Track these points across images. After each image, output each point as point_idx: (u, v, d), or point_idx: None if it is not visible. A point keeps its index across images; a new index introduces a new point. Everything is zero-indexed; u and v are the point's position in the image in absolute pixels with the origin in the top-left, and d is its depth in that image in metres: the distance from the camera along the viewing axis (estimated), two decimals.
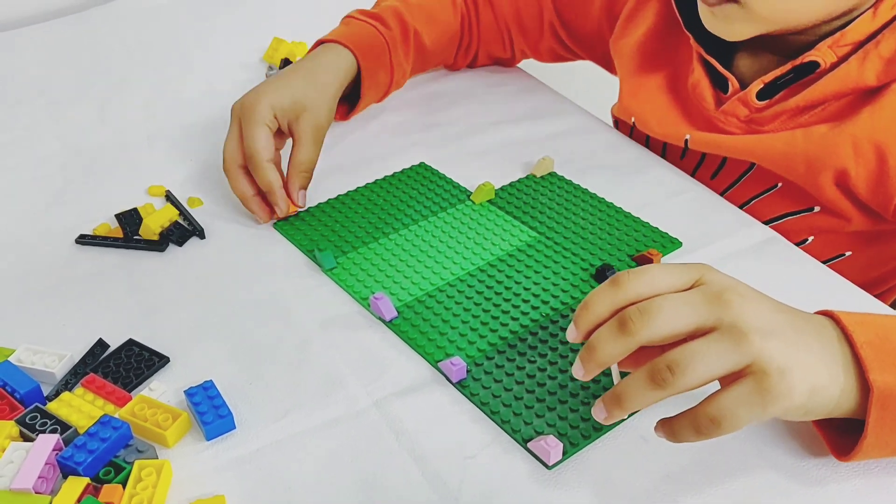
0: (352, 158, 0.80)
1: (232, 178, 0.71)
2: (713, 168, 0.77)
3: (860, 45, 0.64)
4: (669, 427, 0.45)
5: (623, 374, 0.46)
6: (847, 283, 0.63)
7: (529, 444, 0.50)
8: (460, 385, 0.55)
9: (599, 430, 0.51)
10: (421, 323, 0.60)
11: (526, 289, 0.62)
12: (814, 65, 0.66)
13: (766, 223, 0.71)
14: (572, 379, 0.55)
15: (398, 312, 0.60)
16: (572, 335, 0.47)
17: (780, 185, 0.72)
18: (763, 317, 0.44)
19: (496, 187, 0.74)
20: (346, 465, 0.50)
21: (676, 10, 0.73)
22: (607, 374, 0.51)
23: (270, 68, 0.95)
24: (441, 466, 0.50)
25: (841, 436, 0.49)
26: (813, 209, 0.72)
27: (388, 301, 0.60)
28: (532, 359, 0.56)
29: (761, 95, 0.69)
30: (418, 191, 0.74)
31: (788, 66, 0.67)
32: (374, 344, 0.59)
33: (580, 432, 0.51)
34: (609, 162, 0.78)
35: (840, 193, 0.69)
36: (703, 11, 0.68)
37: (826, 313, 0.48)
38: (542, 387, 0.54)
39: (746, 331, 0.43)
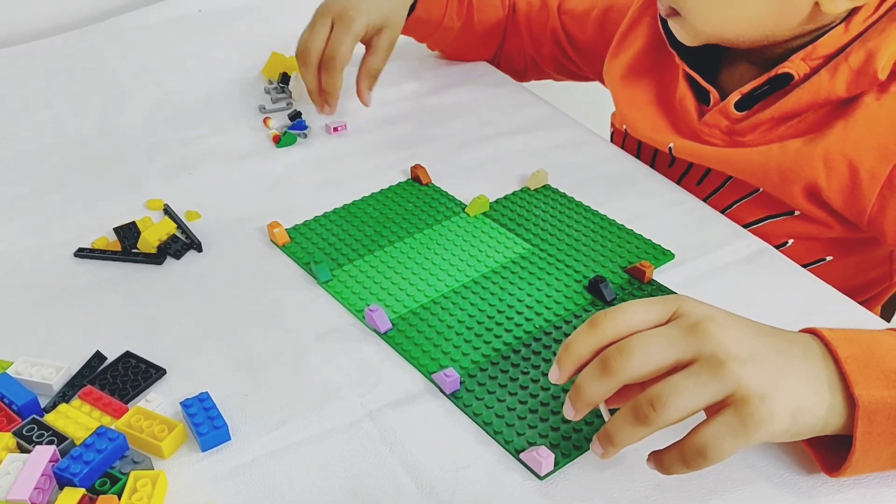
0: (348, 171, 0.80)
1: (307, 69, 0.82)
2: (699, 175, 0.79)
3: (832, 58, 0.66)
4: (659, 460, 0.46)
5: (613, 410, 0.47)
6: (839, 295, 0.64)
7: (522, 455, 0.51)
8: (454, 396, 0.55)
9: (591, 440, 0.52)
10: (415, 335, 0.60)
11: (520, 300, 0.63)
12: (788, 76, 0.67)
13: (746, 226, 0.72)
14: (564, 390, 0.55)
15: (392, 324, 0.61)
16: (555, 376, 0.48)
17: (761, 189, 0.74)
18: (742, 344, 0.44)
19: (491, 200, 0.74)
20: (340, 475, 0.51)
21: (662, 30, 0.76)
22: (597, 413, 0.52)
23: (270, 82, 0.96)
24: (434, 477, 0.50)
25: (830, 452, 0.49)
26: (793, 213, 0.73)
27: (383, 313, 0.61)
28: (525, 370, 0.57)
29: (741, 107, 0.71)
30: (413, 203, 0.75)
31: (764, 78, 0.69)
32: (369, 355, 0.59)
33: (572, 443, 0.52)
34: (603, 174, 0.79)
35: (812, 204, 0.70)
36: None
37: (810, 331, 0.48)
38: (534, 398, 0.55)
39: (725, 360, 0.43)
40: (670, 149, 0.77)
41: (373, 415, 0.54)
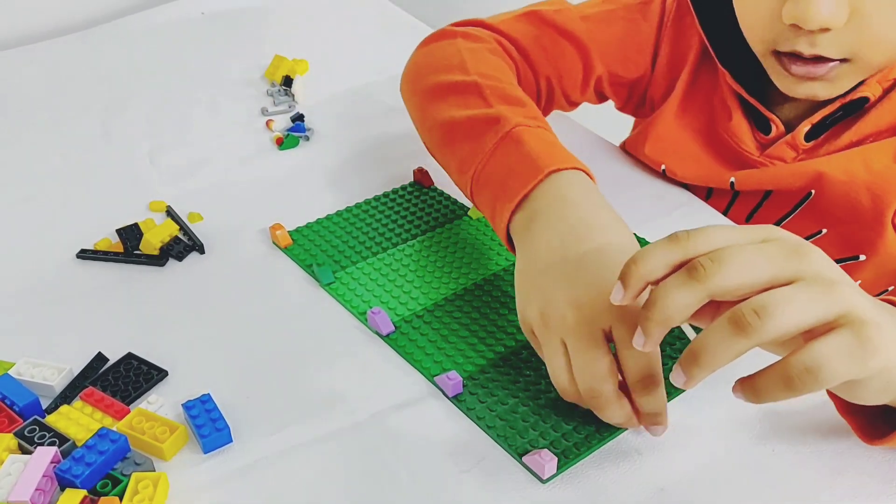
0: (350, 174, 0.80)
1: (608, 403, 0.50)
2: (748, 209, 0.73)
3: None
4: (751, 385, 0.40)
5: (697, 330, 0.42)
6: None
7: (524, 458, 0.51)
8: (456, 399, 0.55)
9: (593, 444, 0.52)
10: (418, 338, 0.60)
11: None
12: (863, 100, 0.64)
13: None
14: None
15: (395, 327, 0.61)
16: (619, 296, 0.42)
17: (825, 231, 0.69)
18: (844, 274, 0.42)
19: None
20: (341, 478, 0.51)
21: (711, 51, 0.70)
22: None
23: (273, 85, 0.96)
24: (436, 480, 0.50)
25: (870, 422, 0.48)
26: (858, 258, 0.69)
27: (386, 316, 0.60)
28: (527, 373, 0.57)
29: (808, 136, 0.67)
30: (416, 206, 0.74)
31: (837, 104, 0.65)
32: (371, 358, 0.59)
33: (574, 446, 0.51)
34: (606, 177, 0.78)
35: None
36: (788, 81, 0.63)
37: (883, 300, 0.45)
38: (537, 401, 0.54)
39: (835, 281, 0.40)
40: (732, 184, 0.71)
41: (375, 417, 0.54)
